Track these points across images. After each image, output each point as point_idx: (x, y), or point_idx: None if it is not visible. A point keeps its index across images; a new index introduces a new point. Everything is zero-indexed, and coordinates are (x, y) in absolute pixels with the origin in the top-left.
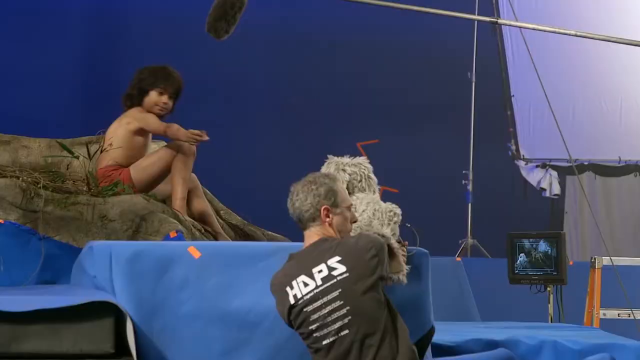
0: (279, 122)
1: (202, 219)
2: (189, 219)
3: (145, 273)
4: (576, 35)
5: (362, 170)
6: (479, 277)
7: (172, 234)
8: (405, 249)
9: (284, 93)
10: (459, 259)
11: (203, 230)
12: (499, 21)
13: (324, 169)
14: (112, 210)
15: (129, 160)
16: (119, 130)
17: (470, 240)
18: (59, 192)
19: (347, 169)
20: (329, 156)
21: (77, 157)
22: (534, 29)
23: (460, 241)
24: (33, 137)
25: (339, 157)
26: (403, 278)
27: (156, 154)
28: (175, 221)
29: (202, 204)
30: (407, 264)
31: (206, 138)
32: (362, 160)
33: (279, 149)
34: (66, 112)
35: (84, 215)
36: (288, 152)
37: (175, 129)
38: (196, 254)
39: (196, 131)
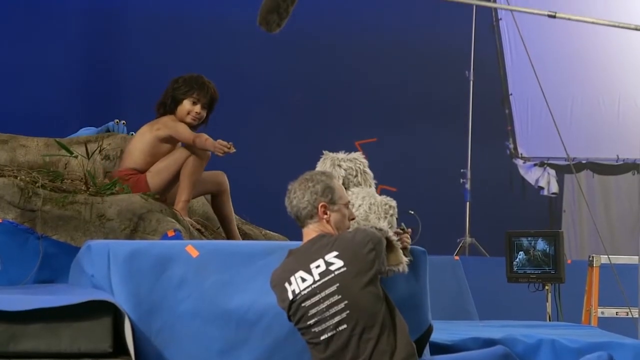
0: (277, 120)
1: (223, 223)
2: (187, 218)
3: (143, 272)
4: (637, 29)
5: (358, 165)
6: (477, 276)
7: (170, 233)
8: (409, 237)
9: (283, 91)
10: (457, 257)
11: (203, 230)
12: (557, 15)
13: (319, 165)
14: (110, 209)
15: (149, 166)
16: (147, 135)
17: (468, 239)
18: (57, 191)
19: (342, 164)
20: (324, 152)
21: (76, 157)
22: (593, 23)
23: (458, 240)
24: (31, 136)
25: (334, 153)
26: (404, 268)
27: (171, 156)
28: (174, 220)
29: (227, 208)
30: (408, 255)
31: (233, 150)
32: (358, 155)
33: (277, 147)
34: (65, 111)
35: (82, 215)
36: (286, 150)
37: (204, 139)
38: (194, 253)
39: (224, 142)
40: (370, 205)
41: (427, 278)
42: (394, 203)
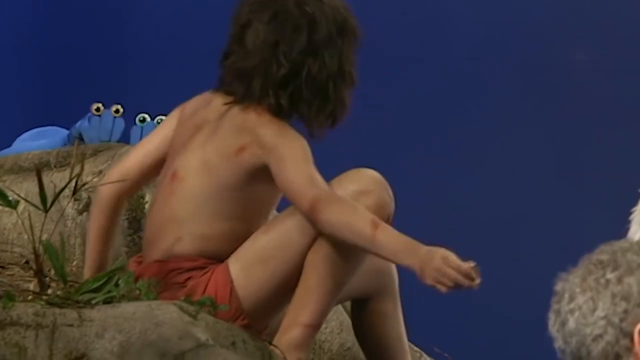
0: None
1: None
2: None
3: None
4: None
5: None
6: None
7: None
8: None
9: None
10: None
11: None
12: None
13: None
14: (99, 342)
15: (232, 243)
16: (221, 162)
17: None
18: None
19: None
20: None
21: (14, 207)
22: None
23: None
24: None
25: None
26: None
27: (281, 224)
28: None
29: (387, 329)
30: None
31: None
32: None
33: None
34: None
35: (28, 354)
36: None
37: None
38: None
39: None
40: None
41: None
42: None
